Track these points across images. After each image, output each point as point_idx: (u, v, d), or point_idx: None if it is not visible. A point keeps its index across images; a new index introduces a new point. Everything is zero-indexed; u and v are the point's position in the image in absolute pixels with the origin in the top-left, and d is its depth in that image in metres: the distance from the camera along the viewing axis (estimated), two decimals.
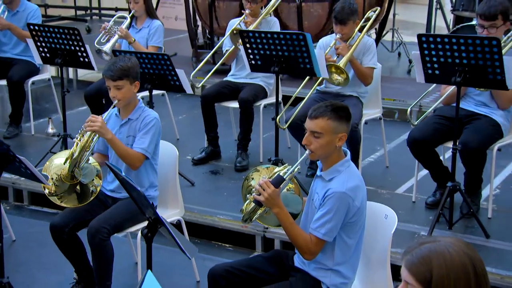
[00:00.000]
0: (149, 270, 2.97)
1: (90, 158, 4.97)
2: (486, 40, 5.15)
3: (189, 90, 6.33)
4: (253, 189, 4.26)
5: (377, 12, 6.71)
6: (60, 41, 6.54)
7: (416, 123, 6.04)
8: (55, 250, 5.56)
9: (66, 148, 6.79)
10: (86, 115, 6.61)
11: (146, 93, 6.82)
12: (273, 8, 7.17)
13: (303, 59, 5.91)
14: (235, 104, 6.96)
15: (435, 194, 5.97)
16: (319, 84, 6.49)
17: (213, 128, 6.99)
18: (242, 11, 7.09)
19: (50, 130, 7.89)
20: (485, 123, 5.71)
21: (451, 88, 5.80)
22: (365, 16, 6.67)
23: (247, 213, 4.14)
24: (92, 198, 4.86)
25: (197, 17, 9.88)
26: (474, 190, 5.78)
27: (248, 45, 6.08)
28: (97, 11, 13.38)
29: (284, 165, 4.19)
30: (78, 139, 4.93)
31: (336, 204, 3.84)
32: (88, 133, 4.87)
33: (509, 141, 6.00)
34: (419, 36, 5.44)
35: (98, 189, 4.88)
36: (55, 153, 6.27)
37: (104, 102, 7.24)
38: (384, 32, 10.62)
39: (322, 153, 3.96)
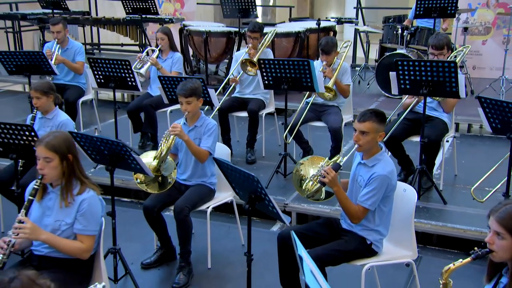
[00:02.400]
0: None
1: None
2: (446, 63, 5.25)
3: (216, 104, 6.29)
4: (307, 176, 4.33)
5: (349, 44, 6.88)
6: (114, 69, 6.40)
7: None
8: (137, 226, 5.60)
9: None
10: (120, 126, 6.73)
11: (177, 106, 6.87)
12: (268, 43, 7.22)
13: (306, 79, 5.89)
14: (244, 114, 6.93)
15: (400, 174, 6.02)
16: (308, 97, 6.51)
17: (227, 132, 6.95)
18: (246, 45, 7.05)
19: None
20: (438, 123, 5.88)
21: (406, 98, 5.97)
22: (341, 46, 6.80)
23: (312, 192, 4.22)
24: (169, 186, 4.87)
25: (189, 48, 9.84)
26: (430, 170, 5.92)
27: (263, 70, 6.04)
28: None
29: (337, 156, 4.26)
30: (164, 141, 4.96)
31: (380, 183, 3.97)
32: (172, 136, 4.92)
33: (452, 134, 6.18)
34: (396, 61, 5.45)
35: (174, 180, 4.90)
36: None
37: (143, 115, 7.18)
38: None
39: (367, 147, 4.06)
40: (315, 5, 23.20)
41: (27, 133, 4.63)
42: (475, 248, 2.85)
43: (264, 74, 6.11)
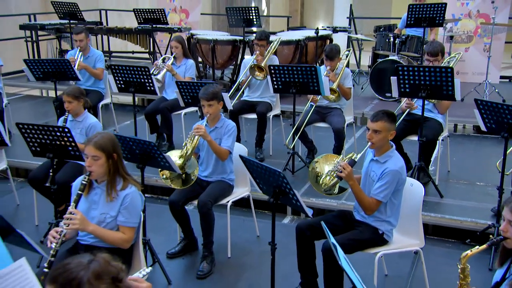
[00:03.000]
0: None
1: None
2: (443, 68, 5.32)
3: (230, 107, 6.31)
4: (323, 173, 4.36)
5: (350, 52, 6.97)
6: (133, 75, 6.42)
7: None
8: (159, 219, 5.64)
9: None
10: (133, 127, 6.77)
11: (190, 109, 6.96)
12: (274, 50, 7.28)
13: (313, 83, 5.94)
14: (253, 116, 6.98)
15: None
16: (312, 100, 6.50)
17: (238, 132, 7.02)
18: (254, 52, 7.11)
19: None
20: (434, 123, 5.93)
21: (406, 100, 5.96)
22: (343, 54, 6.89)
23: (330, 186, 4.27)
24: (192, 182, 4.88)
25: (197, 55, 9.88)
26: (426, 167, 5.93)
27: (273, 75, 6.10)
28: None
29: (352, 153, 4.29)
30: (189, 141, 5.01)
31: (392, 178, 4.03)
32: (196, 137, 4.97)
33: (446, 134, 6.23)
34: (397, 67, 5.50)
35: (196, 176, 4.91)
36: None
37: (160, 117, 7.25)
38: None
39: (379, 144, 4.11)
40: (305, 15, 23.29)
41: (63, 134, 4.70)
42: (490, 236, 2.95)
43: (274, 79, 6.16)
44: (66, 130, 4.68)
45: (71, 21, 9.73)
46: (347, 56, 6.88)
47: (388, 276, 4.79)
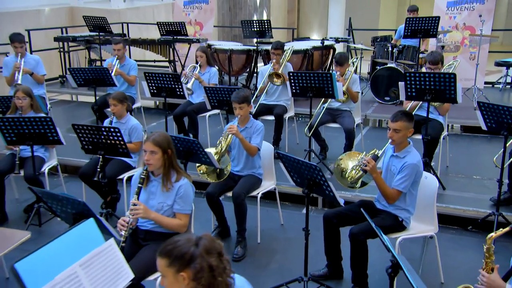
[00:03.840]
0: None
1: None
2: (447, 74, 5.41)
3: (252, 109, 6.37)
4: (347, 168, 4.44)
5: (358, 59, 7.07)
6: (165, 82, 6.50)
7: None
8: (196, 209, 5.71)
9: None
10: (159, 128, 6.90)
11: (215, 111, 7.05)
12: (288, 58, 7.34)
13: (328, 88, 5.98)
14: (271, 117, 7.05)
15: None
16: (324, 103, 6.59)
17: None
18: (271, 61, 7.14)
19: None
20: (436, 123, 5.98)
21: (412, 103, 6.07)
22: (351, 61, 6.98)
23: (355, 179, 4.33)
24: (225, 177, 4.98)
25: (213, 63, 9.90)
26: (430, 161, 5.99)
27: (292, 80, 6.14)
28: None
29: (374, 149, 4.35)
30: (223, 139, 5.09)
31: (411, 170, 4.10)
32: (230, 135, 5.06)
33: (446, 133, 6.30)
34: (405, 73, 5.61)
35: (229, 171, 5.00)
36: None
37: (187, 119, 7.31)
38: None
39: (399, 141, 4.18)
40: (300, 28, 23.38)
41: (114, 134, 4.79)
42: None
43: (293, 84, 6.21)
44: (117, 130, 4.78)
45: (100, 33, 9.78)
46: (354, 63, 6.97)
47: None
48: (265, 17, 19.87)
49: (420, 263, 4.83)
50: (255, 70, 9.63)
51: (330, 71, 6.24)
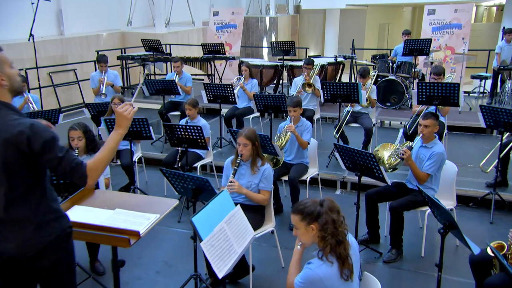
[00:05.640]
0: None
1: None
2: (453, 84, 5.67)
3: None
4: (384, 157, 4.60)
5: (376, 73, 7.30)
6: (221, 90, 6.73)
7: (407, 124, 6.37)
8: None
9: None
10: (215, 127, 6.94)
11: (257, 114, 7.25)
12: (317, 72, 7.58)
13: (354, 95, 6.20)
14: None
15: None
16: (347, 107, 6.81)
17: None
18: (302, 74, 7.37)
19: None
20: (440, 123, 5.98)
21: (420, 107, 6.21)
22: (370, 75, 7.21)
23: (394, 165, 4.51)
24: (280, 165, 5.16)
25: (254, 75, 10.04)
26: None
27: (324, 89, 6.36)
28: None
29: (408, 141, 4.58)
30: (283, 136, 5.26)
31: (438, 158, 4.32)
32: (289, 132, 5.28)
33: (446, 131, 6.46)
34: (418, 82, 5.86)
35: (283, 160, 5.18)
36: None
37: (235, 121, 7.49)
38: None
39: (428, 135, 4.39)
40: (300, 45, 23.62)
41: (197, 131, 5.03)
42: None
43: (325, 92, 6.43)
44: (199, 128, 5.02)
45: (155, 53, 10.01)
46: (373, 76, 7.20)
47: (422, 228, 5.13)
48: (273, 39, 20.12)
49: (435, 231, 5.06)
50: (281, 82, 9.87)
51: (356, 82, 6.38)
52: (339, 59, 9.74)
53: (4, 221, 2.28)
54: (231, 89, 6.70)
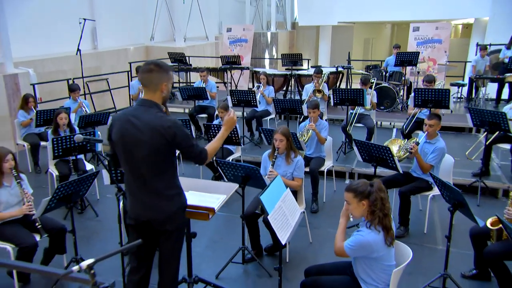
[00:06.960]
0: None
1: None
2: (443, 90, 5.90)
3: (305, 113, 6.87)
4: (393, 151, 4.84)
5: (375, 80, 7.52)
6: (244, 95, 6.92)
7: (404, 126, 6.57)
8: None
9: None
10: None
11: (272, 115, 7.44)
12: (325, 80, 7.81)
13: (359, 99, 6.40)
14: None
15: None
16: (352, 109, 6.96)
17: None
18: (312, 81, 7.59)
19: None
20: None
21: (415, 109, 6.40)
22: (370, 82, 7.43)
23: (403, 157, 4.69)
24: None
25: (254, 82, 10.31)
26: None
27: (334, 94, 6.53)
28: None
29: (415, 138, 4.79)
30: (305, 133, 5.52)
31: (440, 151, 4.51)
32: (310, 130, 5.51)
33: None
34: (415, 90, 6.05)
35: (304, 154, 5.40)
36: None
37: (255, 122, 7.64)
38: None
39: (433, 133, 4.58)
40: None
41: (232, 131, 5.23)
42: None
43: (334, 96, 6.64)
44: (234, 128, 5.23)
45: (179, 64, 10.21)
46: (372, 83, 7.43)
47: (422, 210, 5.38)
48: (274, 52, 20.35)
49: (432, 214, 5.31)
50: (290, 89, 10.10)
51: (361, 88, 6.61)
52: (340, 69, 9.97)
53: (147, 192, 2.58)
54: (253, 94, 6.91)
